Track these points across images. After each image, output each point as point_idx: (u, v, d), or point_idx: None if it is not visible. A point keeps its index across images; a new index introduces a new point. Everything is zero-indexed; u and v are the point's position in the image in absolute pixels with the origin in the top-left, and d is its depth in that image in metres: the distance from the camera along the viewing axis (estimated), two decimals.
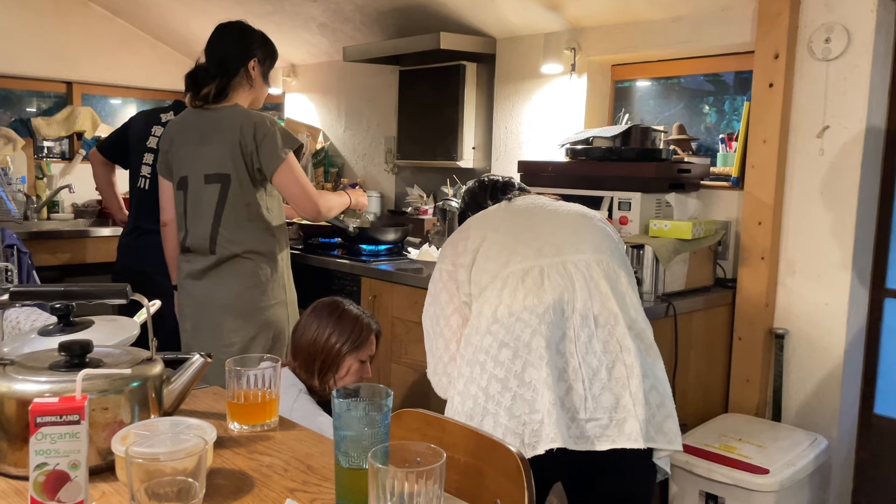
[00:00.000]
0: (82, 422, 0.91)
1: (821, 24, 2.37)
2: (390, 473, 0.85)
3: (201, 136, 2.32)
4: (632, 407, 1.50)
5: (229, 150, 2.26)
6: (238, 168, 2.26)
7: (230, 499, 1.02)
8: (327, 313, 2.00)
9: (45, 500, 0.90)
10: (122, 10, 4.48)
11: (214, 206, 2.29)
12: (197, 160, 2.31)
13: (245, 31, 2.40)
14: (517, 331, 1.52)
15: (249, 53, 2.36)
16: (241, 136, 2.24)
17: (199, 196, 2.31)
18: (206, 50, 2.38)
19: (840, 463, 2.48)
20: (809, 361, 2.48)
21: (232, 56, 2.34)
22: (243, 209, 2.29)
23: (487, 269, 1.62)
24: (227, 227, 2.29)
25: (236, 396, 1.25)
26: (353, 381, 1.99)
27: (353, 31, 3.72)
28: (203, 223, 2.31)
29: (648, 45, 2.82)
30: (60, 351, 1.11)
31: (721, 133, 2.82)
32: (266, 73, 2.43)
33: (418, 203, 3.55)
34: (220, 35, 2.38)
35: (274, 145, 2.24)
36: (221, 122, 2.29)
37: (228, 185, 2.28)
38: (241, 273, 2.30)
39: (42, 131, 4.37)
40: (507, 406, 1.50)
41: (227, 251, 2.29)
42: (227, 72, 2.33)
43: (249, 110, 2.34)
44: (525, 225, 1.68)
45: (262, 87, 2.43)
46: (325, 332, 1.97)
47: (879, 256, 2.47)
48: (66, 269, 3.89)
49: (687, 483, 2.23)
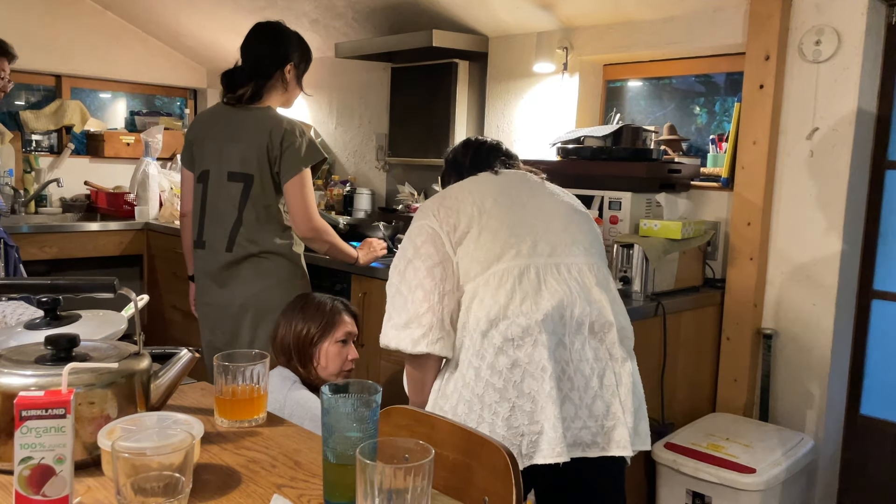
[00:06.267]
0: (68, 416, 0.90)
1: (811, 26, 2.38)
2: (378, 469, 0.85)
3: (230, 133, 2.31)
4: (621, 415, 1.52)
5: (255, 151, 2.26)
6: (262, 170, 2.27)
7: (217, 494, 1.02)
8: (292, 308, 2.05)
9: (30, 495, 0.90)
10: (112, 3, 4.45)
11: (237, 205, 2.29)
12: (222, 156, 2.31)
13: (283, 34, 2.39)
14: (516, 339, 1.49)
15: (287, 56, 2.35)
16: (270, 140, 2.25)
17: (220, 192, 2.31)
18: (242, 49, 2.38)
19: (826, 463, 2.49)
20: (797, 362, 2.49)
21: (269, 58, 2.33)
22: (263, 211, 2.30)
23: (478, 259, 1.56)
24: (248, 227, 2.29)
25: (224, 392, 1.25)
26: (340, 364, 2.02)
27: (346, 28, 3.71)
28: (223, 220, 2.31)
29: (640, 46, 2.83)
30: (47, 345, 1.10)
31: (711, 134, 2.83)
32: (301, 76, 2.42)
33: (409, 200, 3.54)
34: (258, 36, 2.38)
35: (296, 156, 2.25)
36: (252, 123, 2.29)
37: (251, 185, 2.28)
38: (260, 272, 2.30)
39: (30, 125, 4.34)
40: (504, 416, 1.49)
41: (244, 251, 2.29)
42: (263, 74, 2.33)
43: (282, 115, 2.34)
44: (518, 214, 1.61)
45: (296, 90, 2.43)
46: (293, 326, 2.00)
47: (867, 258, 2.49)
48: (53, 263, 3.87)
49: (674, 482, 2.24)
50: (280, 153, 2.26)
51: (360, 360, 2.82)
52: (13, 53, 2.85)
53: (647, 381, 2.13)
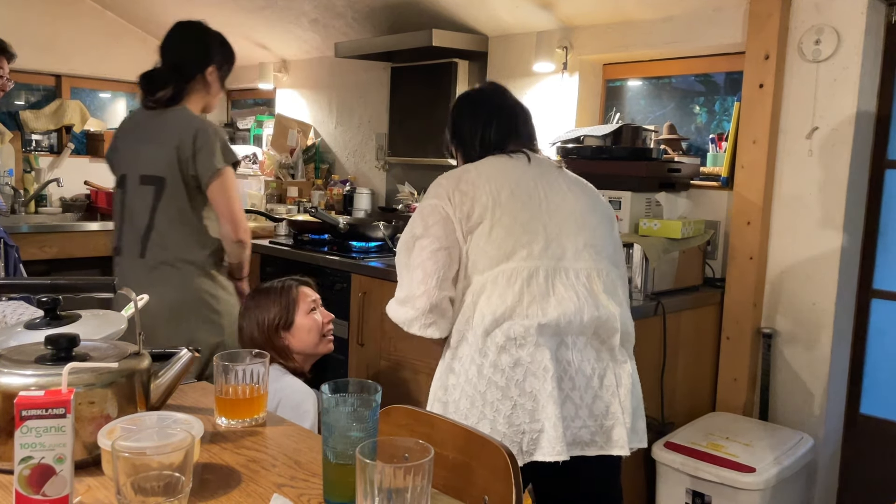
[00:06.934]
0: (68, 415, 0.90)
1: (811, 25, 2.38)
2: (378, 469, 0.85)
3: (144, 135, 2.26)
4: (620, 415, 1.53)
5: (166, 153, 2.19)
6: (173, 172, 2.19)
7: (217, 494, 1.02)
8: (247, 306, 2.09)
9: (31, 494, 0.90)
10: (111, 3, 4.45)
11: (149, 209, 2.21)
12: (136, 160, 2.25)
13: (205, 34, 2.32)
14: (518, 338, 1.50)
15: (208, 59, 2.29)
16: (181, 141, 2.18)
17: (134, 197, 2.25)
18: (161, 49, 2.31)
19: (826, 462, 2.49)
20: (796, 361, 2.49)
21: (190, 60, 2.27)
22: (176, 215, 2.21)
23: (488, 254, 1.55)
24: (160, 232, 2.21)
25: (224, 391, 1.25)
26: (318, 331, 2.10)
27: (345, 27, 3.71)
28: (137, 226, 2.23)
29: (640, 45, 2.83)
30: (47, 344, 1.10)
31: (711, 133, 2.83)
32: (223, 79, 2.35)
33: (409, 200, 3.54)
34: (179, 36, 2.31)
35: (210, 154, 2.17)
36: (166, 125, 2.23)
37: (163, 188, 2.20)
38: (174, 282, 2.20)
39: (30, 124, 4.34)
40: (506, 414, 1.49)
41: (157, 257, 2.21)
42: (184, 76, 2.26)
43: (196, 115, 2.26)
44: (532, 211, 1.58)
45: (218, 93, 2.36)
46: (255, 320, 2.05)
47: (867, 257, 2.49)
48: (53, 263, 3.86)
49: (674, 481, 2.24)
50: (193, 153, 2.17)
51: (360, 360, 2.82)
52: (12, 53, 2.85)
53: (647, 381, 2.13)
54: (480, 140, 1.71)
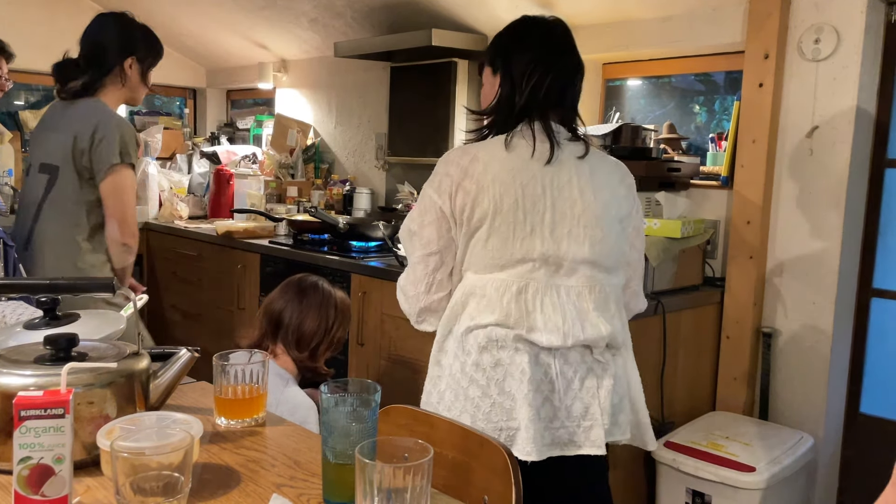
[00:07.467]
0: (67, 415, 0.90)
1: (811, 24, 2.38)
2: (377, 468, 0.85)
3: (51, 124, 2.21)
4: (599, 416, 1.53)
5: (63, 142, 2.12)
6: (66, 160, 2.12)
7: (216, 494, 1.01)
8: (322, 304, 2.10)
9: (29, 495, 0.90)
10: (110, 3, 4.45)
11: (39, 198, 2.15)
12: (39, 148, 2.20)
13: (126, 25, 2.26)
14: (500, 340, 1.51)
15: (127, 49, 2.22)
16: (79, 131, 2.11)
17: (31, 184, 2.19)
18: (80, 40, 2.24)
19: (826, 461, 2.49)
20: (796, 360, 2.49)
21: (107, 51, 2.20)
22: (63, 205, 2.13)
23: (483, 260, 1.53)
24: (45, 222, 2.13)
25: (223, 391, 1.25)
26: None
27: (345, 27, 3.71)
28: (27, 214, 2.17)
29: (639, 45, 2.83)
30: (46, 344, 1.10)
31: (711, 132, 2.83)
32: (145, 72, 2.28)
33: (409, 200, 3.54)
34: (98, 27, 2.24)
35: (108, 148, 2.10)
36: (73, 115, 2.17)
37: (56, 177, 2.14)
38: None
39: (30, 124, 4.33)
40: (485, 412, 1.51)
41: (39, 251, 2.14)
42: (100, 67, 2.19)
43: (104, 107, 2.19)
44: (534, 222, 1.51)
45: (139, 87, 2.29)
46: (325, 322, 2.08)
47: (867, 256, 2.49)
48: None
49: (674, 481, 2.24)
50: (90, 145, 2.10)
51: (360, 360, 2.82)
52: (11, 53, 2.85)
53: (647, 380, 2.12)
54: (531, 90, 1.55)
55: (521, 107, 1.57)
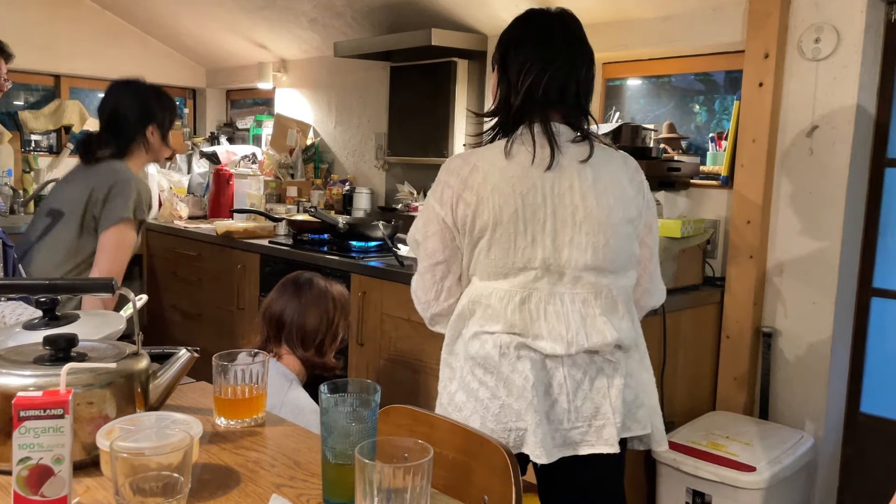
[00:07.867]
0: (66, 416, 0.90)
1: (811, 24, 2.38)
2: (377, 469, 0.85)
3: (71, 178, 2.29)
4: (611, 415, 1.53)
5: (78, 192, 2.18)
6: (74, 210, 2.17)
7: (216, 494, 1.01)
8: (326, 299, 2.11)
9: (29, 495, 0.89)
10: (111, 3, 4.45)
11: (32, 241, 2.19)
12: (53, 196, 2.27)
13: (142, 93, 2.31)
14: (503, 346, 1.51)
15: (147, 119, 2.27)
16: (97, 184, 2.17)
17: (32, 225, 2.25)
18: (99, 112, 2.30)
19: (826, 461, 2.49)
20: (796, 360, 2.49)
21: (128, 121, 2.25)
22: (56, 248, 2.17)
23: (486, 268, 1.53)
24: (30, 261, 2.17)
25: (223, 391, 1.25)
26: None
27: (345, 27, 3.71)
28: (17, 252, 2.17)
29: (639, 44, 2.83)
30: (45, 345, 1.10)
31: (711, 132, 2.82)
32: (166, 135, 2.33)
33: (408, 200, 3.54)
34: (114, 98, 2.29)
35: (123, 203, 2.15)
36: (94, 171, 2.22)
37: (57, 222, 2.19)
38: None
39: (29, 125, 4.33)
40: (494, 412, 1.51)
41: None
42: (124, 137, 2.25)
43: (126, 168, 2.25)
44: (535, 231, 1.49)
45: (162, 149, 2.34)
46: (331, 319, 2.09)
47: (867, 255, 2.49)
48: None
49: (674, 480, 2.24)
50: (105, 197, 2.15)
51: (360, 360, 2.82)
52: (10, 53, 2.84)
53: None
54: (527, 90, 1.51)
55: (518, 108, 1.53)
